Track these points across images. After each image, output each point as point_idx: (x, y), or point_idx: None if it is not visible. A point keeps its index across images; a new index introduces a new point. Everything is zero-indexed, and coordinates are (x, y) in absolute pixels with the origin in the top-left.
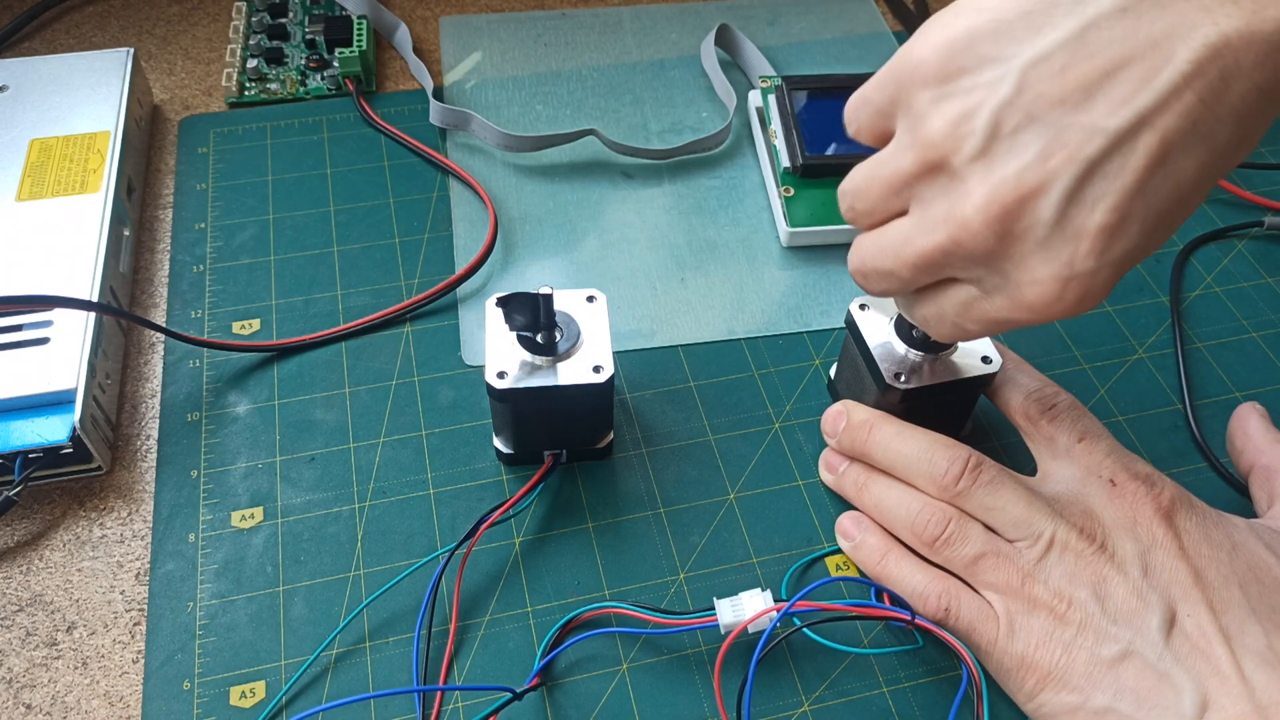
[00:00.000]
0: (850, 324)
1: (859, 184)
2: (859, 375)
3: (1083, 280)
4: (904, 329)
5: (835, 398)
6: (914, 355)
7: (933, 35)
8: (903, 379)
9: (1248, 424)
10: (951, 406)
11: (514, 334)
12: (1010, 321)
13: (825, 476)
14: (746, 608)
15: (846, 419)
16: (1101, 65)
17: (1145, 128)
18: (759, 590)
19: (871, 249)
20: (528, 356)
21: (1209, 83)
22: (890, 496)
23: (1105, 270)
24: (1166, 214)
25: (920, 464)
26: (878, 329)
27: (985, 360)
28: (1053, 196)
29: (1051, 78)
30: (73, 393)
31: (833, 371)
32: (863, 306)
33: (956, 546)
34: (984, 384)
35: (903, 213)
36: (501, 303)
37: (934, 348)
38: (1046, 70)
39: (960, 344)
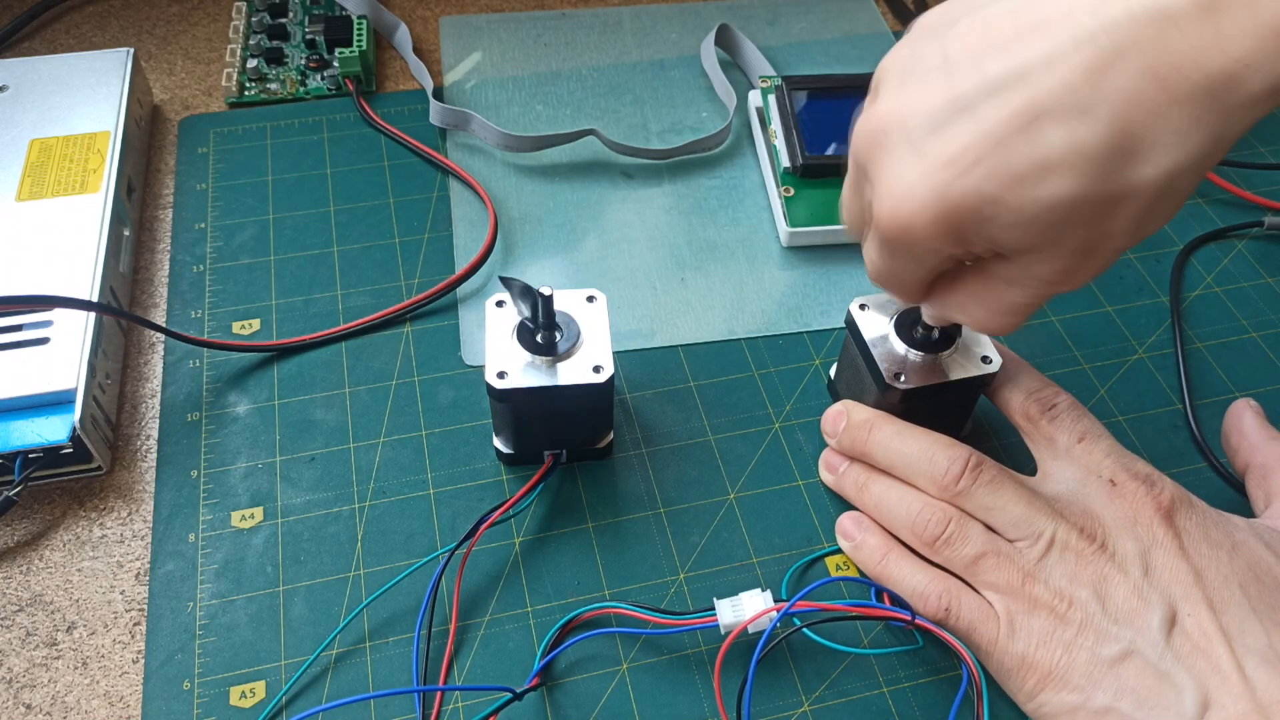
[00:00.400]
0: (850, 324)
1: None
2: (859, 375)
3: (912, 200)
4: (904, 329)
5: (835, 398)
6: (914, 355)
7: (937, 6)
8: (903, 379)
9: (1243, 421)
10: (951, 406)
11: (514, 334)
12: (876, 239)
13: (825, 476)
14: (746, 608)
15: (847, 419)
16: (1019, 27)
17: (1023, 85)
18: (759, 590)
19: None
20: (528, 356)
21: (1098, 52)
22: (890, 496)
23: (935, 193)
24: (1025, 173)
25: (920, 463)
26: (878, 329)
27: (985, 360)
28: (923, 124)
29: (977, 33)
30: (73, 393)
31: (833, 371)
32: (863, 306)
33: (957, 546)
34: (984, 384)
35: None
36: (505, 282)
37: (934, 347)
38: (979, 27)
39: (961, 344)
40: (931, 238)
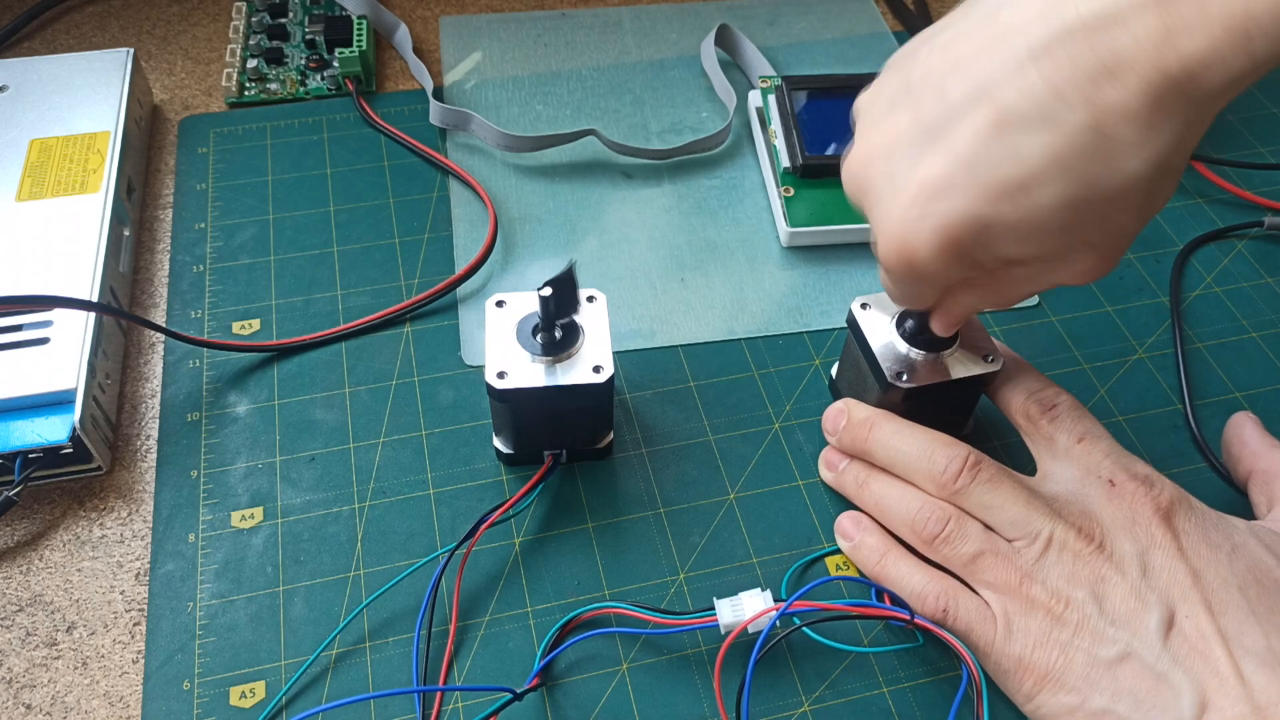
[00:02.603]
0: (852, 323)
1: None
2: (860, 374)
3: (906, 229)
4: (905, 328)
5: (836, 397)
6: (915, 354)
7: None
8: (904, 378)
9: (1243, 431)
10: (953, 405)
11: (514, 334)
12: (882, 263)
13: (825, 474)
14: (746, 608)
15: (847, 417)
16: (973, 45)
17: (985, 100)
18: (759, 590)
19: None
20: (527, 356)
21: (1054, 61)
22: (890, 494)
23: (926, 225)
24: (1008, 189)
25: (920, 461)
26: (879, 328)
27: (987, 359)
28: (899, 153)
29: (938, 58)
30: (73, 393)
31: (834, 371)
32: (864, 305)
33: (955, 545)
34: (985, 383)
35: None
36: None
37: (935, 346)
38: (939, 52)
39: (962, 343)
40: (935, 266)
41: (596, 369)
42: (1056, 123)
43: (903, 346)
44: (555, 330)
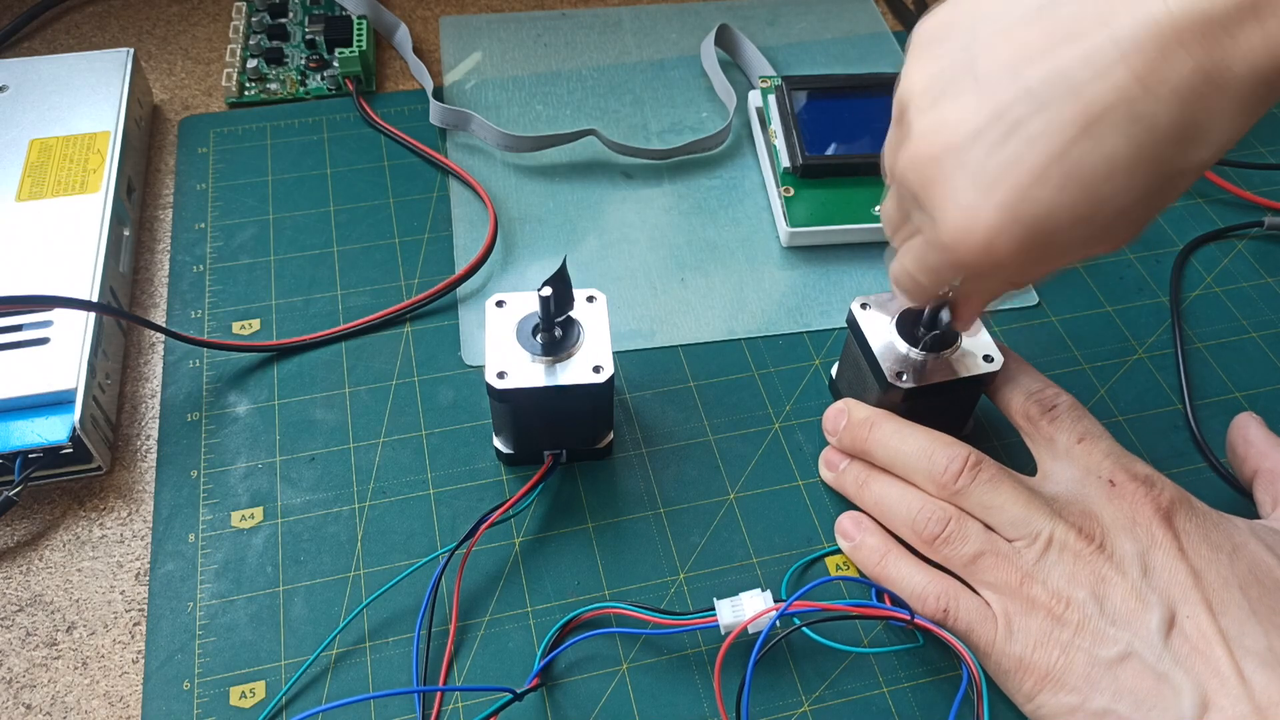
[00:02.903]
0: (852, 323)
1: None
2: (861, 374)
3: (990, 229)
4: (906, 328)
5: (837, 397)
6: (916, 354)
7: (931, 14)
8: (904, 378)
9: (1248, 431)
10: (953, 405)
11: (514, 334)
12: (939, 263)
13: (825, 474)
14: (746, 608)
15: (847, 417)
16: (1050, 35)
17: (1072, 96)
18: (759, 590)
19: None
20: (527, 356)
21: (1146, 59)
22: (890, 494)
23: (1014, 226)
24: (1092, 187)
25: (920, 461)
26: (879, 328)
27: (987, 359)
28: (977, 145)
29: (1004, 44)
30: (73, 393)
31: (834, 371)
32: (864, 305)
33: (956, 545)
34: (985, 383)
35: None
36: (548, 284)
37: (936, 346)
38: (1003, 38)
39: (962, 343)
40: (1016, 258)
41: (596, 369)
42: (1146, 120)
43: (903, 346)
44: (555, 330)
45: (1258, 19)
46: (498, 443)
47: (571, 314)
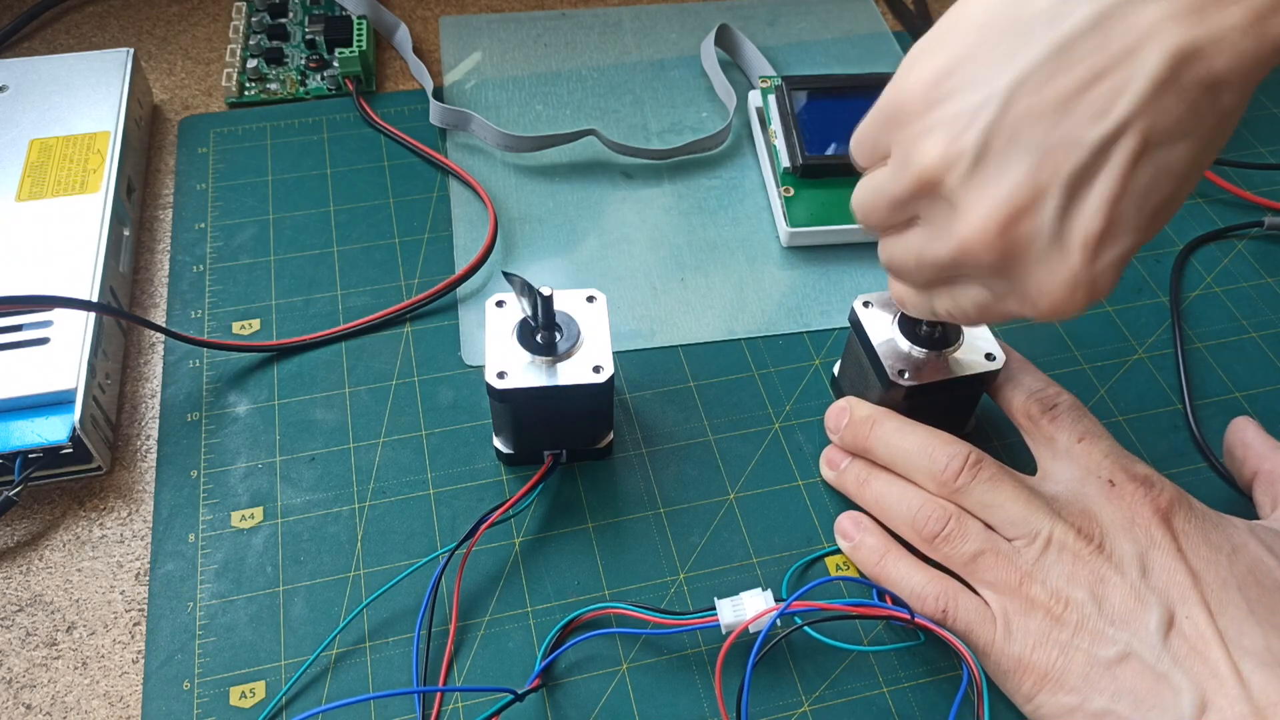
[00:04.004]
0: (854, 321)
1: (864, 202)
2: (863, 372)
3: (1087, 285)
4: (908, 326)
5: (839, 395)
6: (917, 352)
7: (917, 68)
8: (906, 376)
9: (1245, 434)
10: (955, 403)
11: (514, 334)
12: (1026, 317)
13: (827, 473)
14: (748, 607)
15: (849, 415)
16: (1079, 79)
17: (1125, 133)
18: (760, 590)
19: (893, 250)
20: (528, 356)
21: (1184, 85)
22: (891, 492)
23: (1107, 271)
24: (1158, 207)
25: (920, 459)
26: (882, 326)
27: (989, 358)
28: (1045, 211)
29: (1032, 96)
30: (73, 393)
31: (837, 369)
32: (866, 304)
33: (956, 543)
34: (987, 381)
35: (916, 218)
36: (507, 276)
37: (938, 344)
38: (1027, 90)
39: (964, 341)
40: (1107, 293)
41: (596, 369)
42: (1193, 130)
43: (905, 344)
44: (555, 330)
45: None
46: (498, 443)
47: (571, 314)
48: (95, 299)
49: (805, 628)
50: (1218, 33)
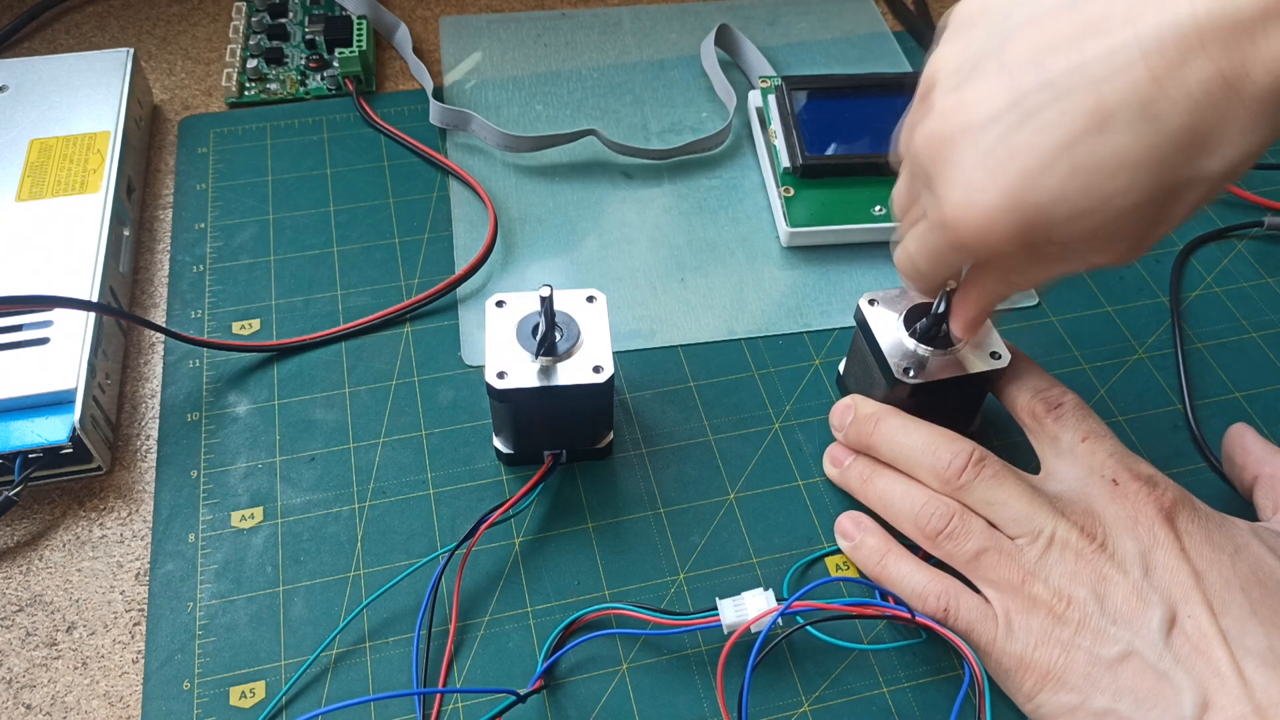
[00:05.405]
0: (860, 319)
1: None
2: (868, 370)
3: (990, 210)
4: (914, 324)
5: (845, 393)
6: (923, 350)
7: (942, 49)
8: (911, 374)
9: (1244, 440)
10: (960, 402)
11: (514, 334)
12: (939, 244)
13: (830, 470)
14: (749, 607)
15: (854, 412)
16: (1077, 27)
17: (1088, 89)
18: (761, 590)
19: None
20: (527, 356)
21: (1165, 59)
22: (894, 490)
23: (1014, 212)
24: (1096, 182)
25: (924, 456)
26: (887, 324)
27: (994, 356)
28: (989, 128)
29: (1034, 33)
30: (73, 393)
31: (842, 367)
32: (872, 302)
33: (959, 541)
34: (992, 380)
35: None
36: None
37: (943, 343)
38: (1034, 26)
39: (969, 340)
40: (1005, 243)
41: (596, 369)
42: (1158, 121)
43: (910, 343)
44: (556, 330)
45: None
46: (498, 443)
47: (571, 314)
48: (95, 299)
49: (807, 627)
50: (1229, 10)
